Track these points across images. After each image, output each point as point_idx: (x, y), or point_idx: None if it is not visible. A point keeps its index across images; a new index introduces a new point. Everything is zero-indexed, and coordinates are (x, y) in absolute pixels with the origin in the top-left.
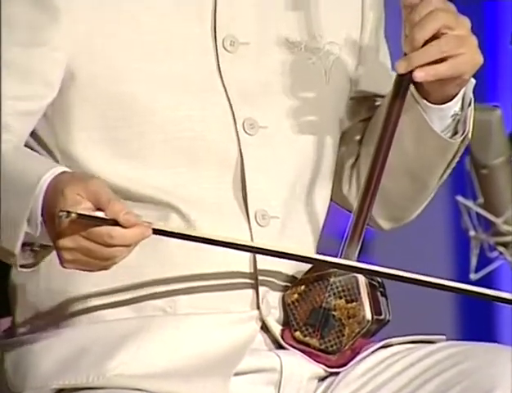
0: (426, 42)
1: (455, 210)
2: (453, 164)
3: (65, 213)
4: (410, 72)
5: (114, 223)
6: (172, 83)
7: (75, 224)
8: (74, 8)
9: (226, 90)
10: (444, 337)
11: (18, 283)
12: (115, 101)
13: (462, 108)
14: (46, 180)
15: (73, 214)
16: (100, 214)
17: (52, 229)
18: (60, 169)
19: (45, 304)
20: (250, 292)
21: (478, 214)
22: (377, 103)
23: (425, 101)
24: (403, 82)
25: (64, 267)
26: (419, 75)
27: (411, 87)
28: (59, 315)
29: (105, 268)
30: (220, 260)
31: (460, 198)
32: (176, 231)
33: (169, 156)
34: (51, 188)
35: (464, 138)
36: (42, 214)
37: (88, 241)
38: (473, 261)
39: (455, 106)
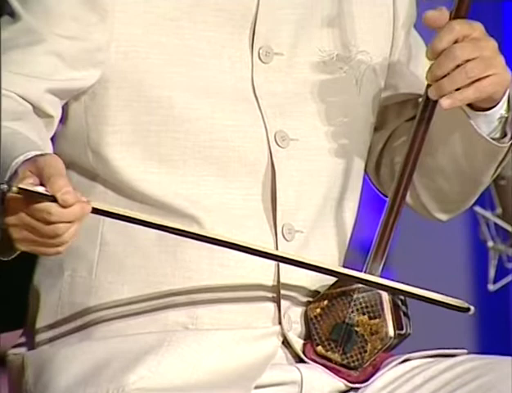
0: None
1: (474, 221)
2: (505, 163)
3: (5, 186)
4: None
5: (55, 199)
6: (208, 90)
7: (19, 200)
8: (120, 11)
9: (258, 102)
10: (465, 351)
11: (40, 295)
12: (151, 106)
13: (508, 109)
14: (17, 163)
15: (13, 188)
16: (42, 189)
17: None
18: (33, 152)
19: (66, 317)
20: (272, 307)
21: (496, 225)
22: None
23: (470, 109)
24: (429, 107)
25: (16, 247)
26: (445, 103)
27: None
28: (80, 328)
29: (55, 246)
30: (243, 274)
31: (478, 209)
32: (115, 211)
33: (199, 164)
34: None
35: None
36: None
37: (29, 218)
38: (492, 272)
39: (500, 109)
